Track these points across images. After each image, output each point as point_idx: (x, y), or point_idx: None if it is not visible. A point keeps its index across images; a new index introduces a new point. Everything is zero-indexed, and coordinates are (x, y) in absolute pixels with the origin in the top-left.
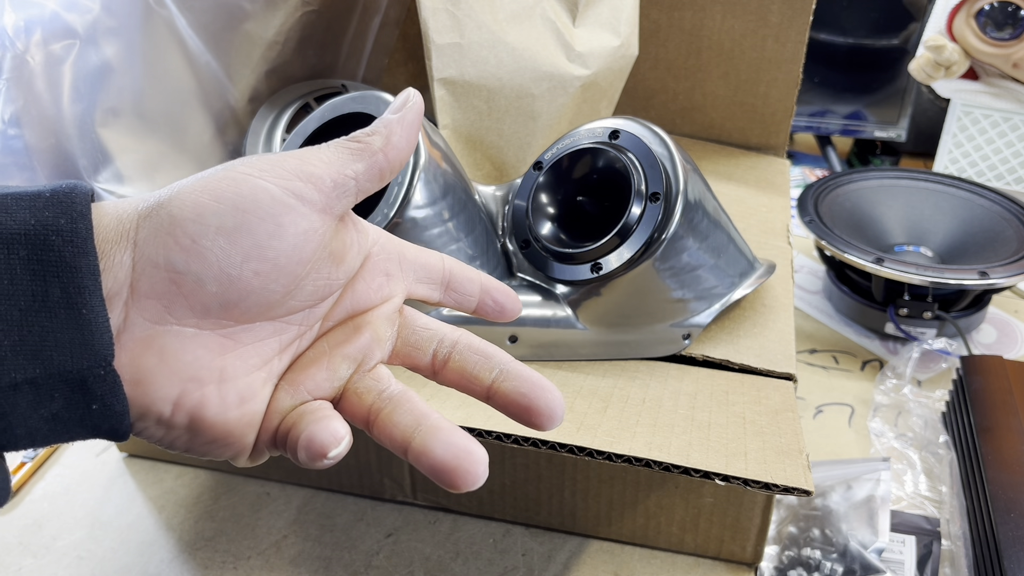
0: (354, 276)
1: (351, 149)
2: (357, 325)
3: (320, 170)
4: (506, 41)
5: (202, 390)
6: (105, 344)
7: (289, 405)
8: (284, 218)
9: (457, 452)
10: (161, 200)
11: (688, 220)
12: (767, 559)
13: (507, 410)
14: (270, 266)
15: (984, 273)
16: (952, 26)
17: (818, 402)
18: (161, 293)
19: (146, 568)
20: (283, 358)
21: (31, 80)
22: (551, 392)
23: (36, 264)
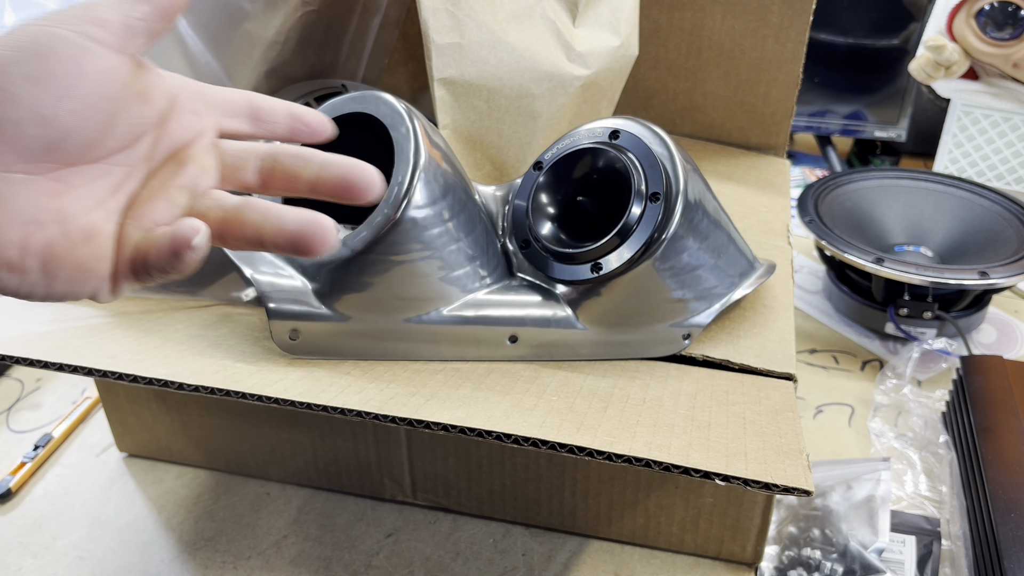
0: (165, 118)
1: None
2: (180, 160)
3: (108, 14)
4: (506, 41)
5: (45, 231)
6: None
7: (138, 236)
8: (83, 59)
9: (307, 220)
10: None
11: (688, 220)
12: (767, 559)
13: (332, 194)
14: (81, 104)
15: (984, 273)
16: (952, 26)
17: (818, 402)
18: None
19: (146, 568)
20: (118, 197)
21: None
22: (367, 169)
23: None
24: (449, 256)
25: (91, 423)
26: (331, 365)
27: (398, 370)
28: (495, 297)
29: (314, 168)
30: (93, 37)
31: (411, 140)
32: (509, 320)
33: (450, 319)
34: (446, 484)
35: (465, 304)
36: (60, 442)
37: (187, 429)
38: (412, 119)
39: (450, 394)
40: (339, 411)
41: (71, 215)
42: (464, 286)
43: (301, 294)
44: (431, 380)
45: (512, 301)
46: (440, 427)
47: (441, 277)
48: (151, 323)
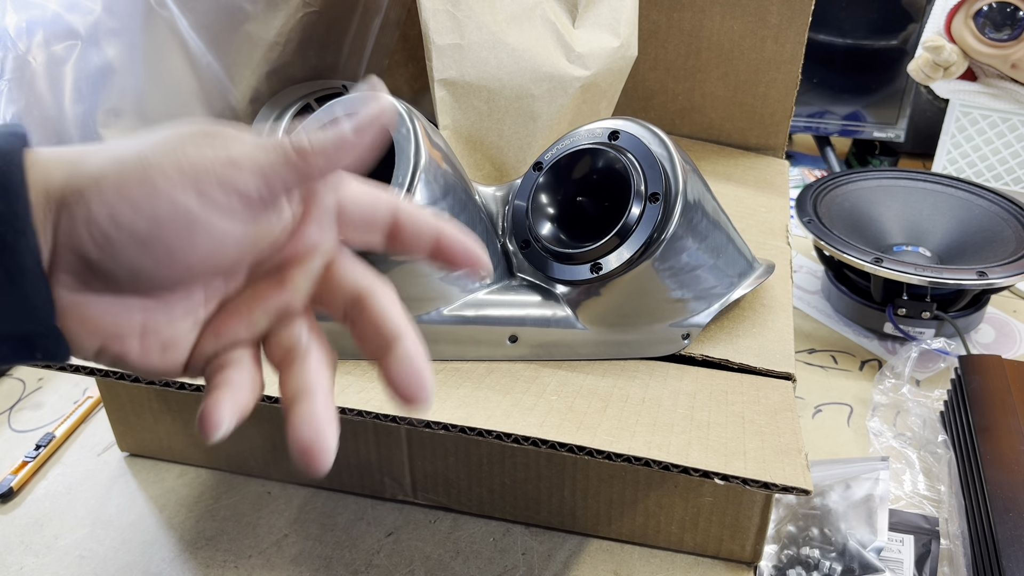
0: (284, 238)
1: (291, 163)
2: (280, 279)
3: (250, 184)
4: (506, 42)
5: (123, 344)
6: (47, 309)
7: (212, 351)
8: (199, 232)
9: (314, 435)
10: (83, 188)
11: (687, 220)
12: (766, 558)
13: (386, 389)
14: (182, 269)
15: (982, 273)
16: (951, 27)
17: (817, 402)
18: (77, 272)
19: (147, 567)
20: (209, 305)
21: (33, 81)
22: (425, 385)
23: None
24: None
25: (92, 423)
26: None
27: None
28: (495, 297)
29: (383, 351)
30: (222, 208)
31: (411, 141)
32: (509, 320)
33: (450, 319)
34: (446, 483)
35: (465, 304)
36: (62, 441)
37: (188, 429)
38: (412, 120)
39: (450, 394)
40: (340, 410)
41: (154, 328)
42: (464, 286)
43: None
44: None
45: (512, 301)
46: (440, 426)
47: (441, 277)
48: None
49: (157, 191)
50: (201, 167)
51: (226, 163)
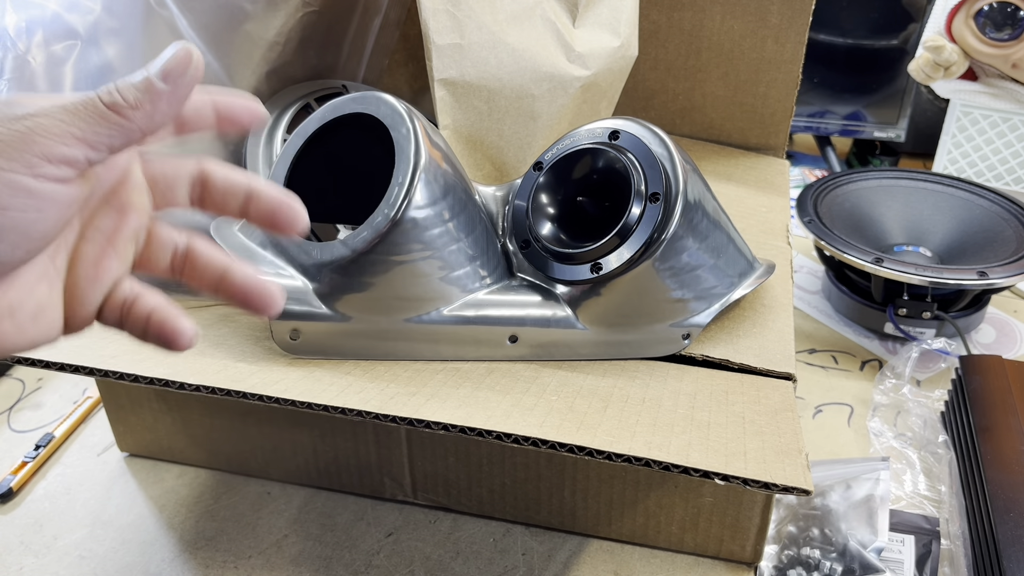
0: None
1: (108, 121)
2: (120, 207)
3: (74, 152)
4: (506, 42)
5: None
6: None
7: (99, 297)
8: (43, 204)
9: (255, 284)
10: None
11: (688, 220)
12: (767, 558)
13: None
14: (38, 243)
15: (983, 273)
16: (951, 26)
17: (817, 402)
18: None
19: (147, 567)
20: (58, 261)
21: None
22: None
23: None
24: (449, 256)
25: (92, 423)
26: (332, 365)
27: (398, 370)
28: (495, 297)
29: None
30: (56, 178)
31: (411, 140)
32: (509, 320)
33: (450, 319)
34: (446, 483)
35: (465, 304)
36: (61, 442)
37: (188, 429)
38: (412, 120)
39: (450, 394)
40: (340, 411)
41: (19, 305)
42: (464, 286)
43: (302, 294)
44: (431, 380)
45: (512, 301)
46: (440, 427)
47: (441, 277)
48: None
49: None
50: (19, 144)
51: (47, 134)
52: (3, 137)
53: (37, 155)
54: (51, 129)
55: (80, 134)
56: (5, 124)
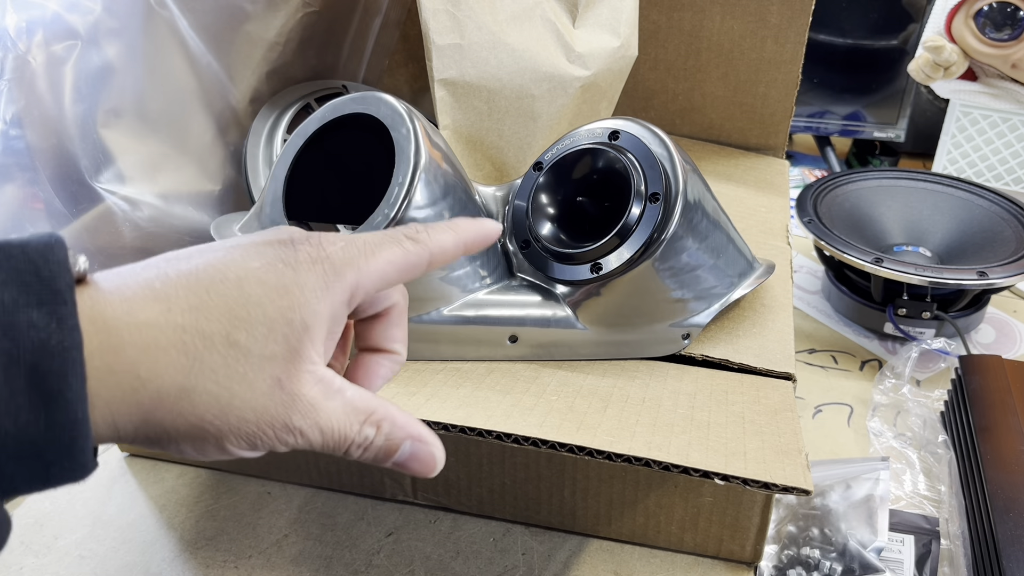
0: None
1: (356, 429)
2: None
3: (313, 444)
4: (506, 42)
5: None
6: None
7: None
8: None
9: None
10: (147, 418)
11: (687, 220)
12: (766, 558)
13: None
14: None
15: (983, 273)
16: (951, 27)
17: (817, 402)
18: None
19: (147, 567)
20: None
21: (33, 81)
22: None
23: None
24: None
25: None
26: None
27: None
28: (495, 297)
29: None
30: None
31: (411, 141)
32: (509, 320)
33: (450, 319)
34: (446, 483)
35: (465, 304)
36: None
37: None
38: (412, 120)
39: (450, 394)
40: None
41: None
42: (464, 286)
43: None
44: (431, 380)
45: (512, 301)
46: (440, 426)
47: (441, 277)
48: None
49: (221, 437)
50: (258, 434)
51: (288, 431)
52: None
53: (270, 438)
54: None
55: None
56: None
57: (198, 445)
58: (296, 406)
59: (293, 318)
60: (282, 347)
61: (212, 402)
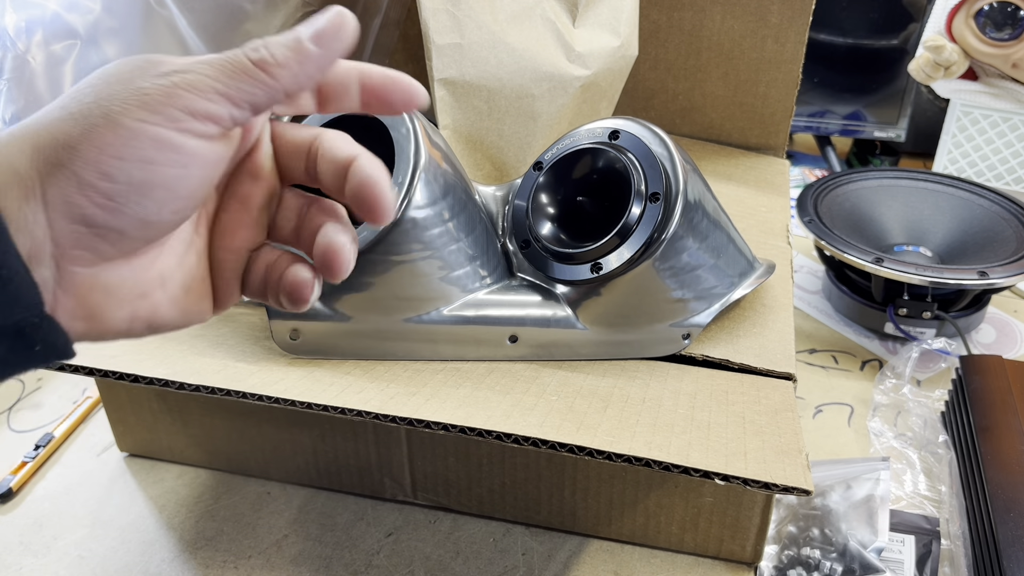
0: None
1: (254, 78)
2: (254, 174)
3: (219, 108)
4: (506, 41)
5: (150, 301)
6: (33, 297)
7: (241, 269)
8: (190, 161)
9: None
10: (59, 160)
11: (688, 220)
12: (767, 558)
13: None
14: (184, 202)
15: (983, 273)
16: (951, 26)
17: (818, 402)
18: (86, 245)
19: (147, 567)
20: (200, 230)
21: (32, 80)
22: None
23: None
24: (449, 256)
25: (92, 423)
26: (331, 365)
27: (398, 370)
28: (495, 297)
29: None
30: (197, 132)
31: (411, 140)
32: (509, 320)
33: (450, 319)
34: (446, 483)
35: (465, 304)
36: (61, 442)
37: (188, 429)
38: (412, 119)
39: (450, 394)
40: (339, 411)
41: (169, 275)
42: (464, 286)
43: None
44: (431, 380)
45: (512, 301)
46: (440, 427)
47: (441, 277)
48: None
49: (134, 134)
50: (163, 98)
51: (190, 88)
52: (148, 91)
53: (181, 109)
54: (196, 84)
55: (224, 90)
56: (149, 79)
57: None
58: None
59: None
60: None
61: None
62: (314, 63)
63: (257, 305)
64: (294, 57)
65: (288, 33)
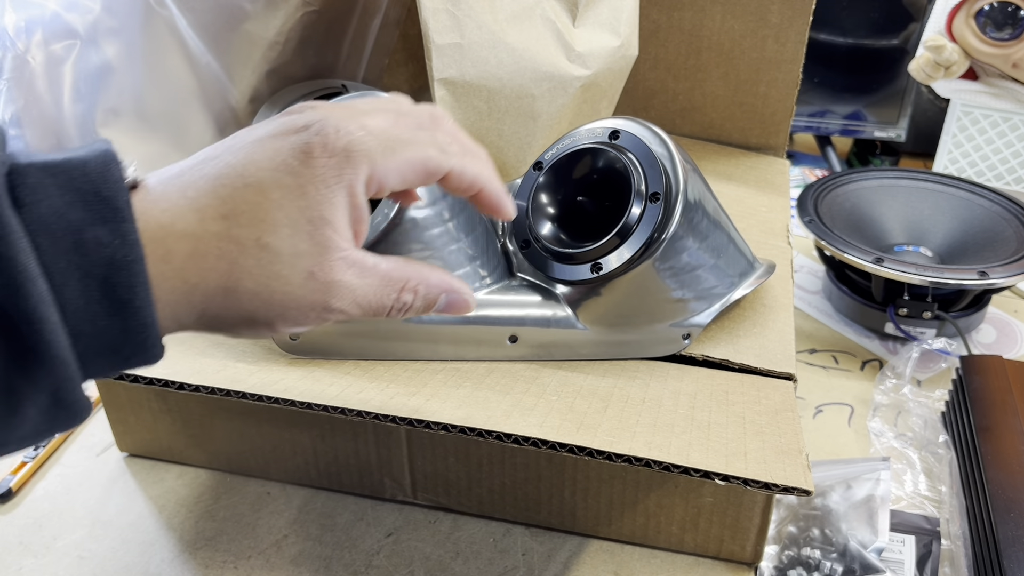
0: None
1: (384, 311)
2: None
3: (351, 312)
4: (506, 41)
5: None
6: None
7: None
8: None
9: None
10: (203, 313)
11: (688, 220)
12: (767, 559)
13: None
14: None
15: (983, 273)
16: (952, 26)
17: (818, 402)
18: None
19: (147, 568)
20: None
21: (32, 80)
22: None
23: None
24: (449, 256)
25: (92, 423)
26: (331, 365)
27: (398, 370)
28: (495, 297)
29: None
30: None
31: None
32: (509, 320)
33: (450, 319)
34: (446, 484)
35: None
36: (61, 442)
37: (188, 429)
38: None
39: (450, 394)
40: (339, 411)
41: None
42: None
43: None
44: (431, 380)
45: (512, 301)
46: (440, 427)
47: None
48: None
49: (259, 330)
50: (313, 313)
51: (337, 311)
52: (301, 300)
53: (322, 319)
54: (346, 310)
55: (363, 312)
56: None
57: (253, 331)
58: (332, 291)
59: (313, 216)
60: (308, 243)
61: (254, 298)
62: (431, 311)
63: None
64: (424, 310)
65: (435, 291)
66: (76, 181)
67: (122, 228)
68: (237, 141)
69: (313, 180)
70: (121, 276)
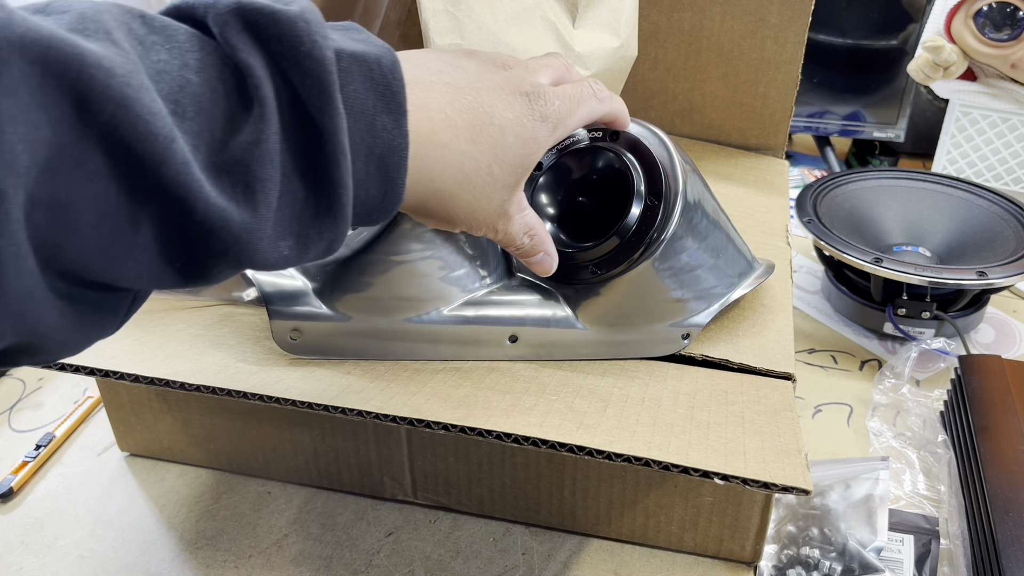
0: None
1: (522, 238)
2: None
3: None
4: (506, 42)
5: None
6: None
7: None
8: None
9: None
10: (424, 202)
11: (687, 220)
12: (766, 558)
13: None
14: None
15: (982, 273)
16: (950, 27)
17: (817, 401)
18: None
19: (147, 567)
20: None
21: None
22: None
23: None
24: (449, 256)
25: (92, 422)
26: (332, 365)
27: (398, 370)
28: (495, 297)
29: None
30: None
31: None
32: (509, 320)
33: (450, 319)
34: (446, 483)
35: (465, 304)
36: (62, 441)
37: (188, 428)
38: None
39: (450, 394)
40: (340, 410)
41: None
42: (464, 286)
43: (302, 294)
44: (431, 380)
45: (512, 301)
46: (440, 426)
47: (441, 277)
48: (153, 323)
49: (445, 224)
50: (477, 227)
51: (492, 229)
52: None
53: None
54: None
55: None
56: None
57: (442, 223)
58: (503, 218)
59: (526, 163)
60: (512, 180)
61: (465, 205)
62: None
63: (258, 305)
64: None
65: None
66: (374, 73)
67: (401, 120)
68: (476, 80)
69: (536, 138)
70: (393, 158)
